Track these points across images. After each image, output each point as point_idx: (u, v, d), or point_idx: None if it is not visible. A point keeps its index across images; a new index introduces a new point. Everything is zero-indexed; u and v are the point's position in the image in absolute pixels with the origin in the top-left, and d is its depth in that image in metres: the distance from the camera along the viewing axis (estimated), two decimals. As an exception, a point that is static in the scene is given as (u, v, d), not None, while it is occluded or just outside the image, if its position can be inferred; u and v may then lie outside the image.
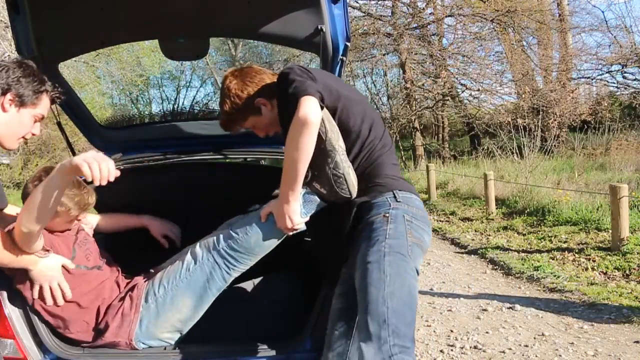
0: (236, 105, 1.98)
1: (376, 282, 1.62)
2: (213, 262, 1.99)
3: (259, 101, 1.96)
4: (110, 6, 2.29)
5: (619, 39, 19.11)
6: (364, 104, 1.97)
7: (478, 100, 18.80)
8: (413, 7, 18.32)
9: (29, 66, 1.94)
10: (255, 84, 1.97)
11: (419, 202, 1.89)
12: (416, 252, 1.76)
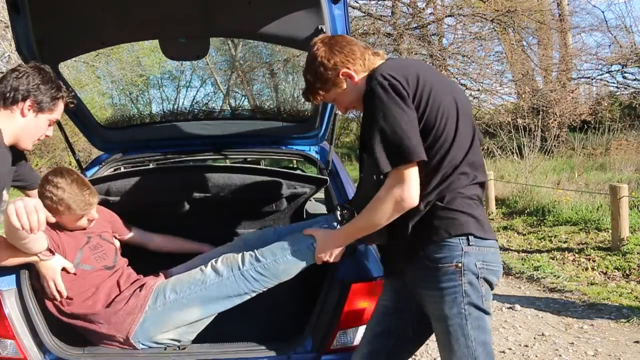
0: (320, 74, 1.77)
1: (463, 348, 1.58)
2: (234, 281, 1.99)
3: (344, 73, 1.76)
4: (111, 6, 2.29)
5: (619, 39, 19.11)
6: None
7: (478, 100, 18.78)
8: (413, 7, 18.31)
9: (47, 72, 2.03)
10: (344, 54, 1.76)
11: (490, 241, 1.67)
12: (488, 296, 1.64)
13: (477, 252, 1.58)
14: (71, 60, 12.88)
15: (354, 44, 1.80)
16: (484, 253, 1.60)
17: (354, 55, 1.77)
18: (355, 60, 1.77)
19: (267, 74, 26.08)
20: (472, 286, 1.57)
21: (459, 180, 1.63)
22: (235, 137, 3.05)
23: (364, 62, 1.77)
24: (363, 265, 2.01)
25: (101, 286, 2.10)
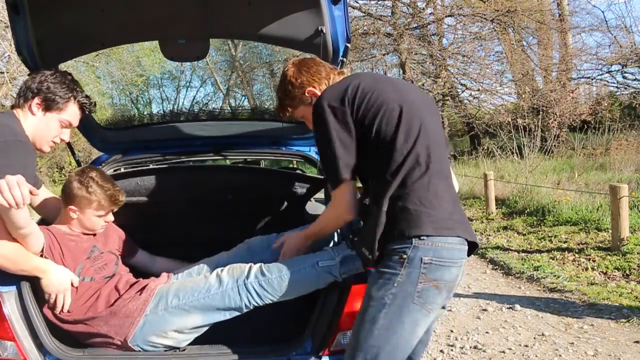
0: (288, 92, 1.98)
1: (366, 331, 1.66)
2: (237, 292, 1.99)
3: (309, 91, 1.95)
4: (111, 7, 2.29)
5: (619, 39, 19.11)
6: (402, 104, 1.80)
7: (478, 100, 18.79)
8: (413, 7, 18.30)
9: (62, 74, 2.08)
10: (310, 74, 1.96)
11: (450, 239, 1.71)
12: (427, 295, 1.65)
13: (429, 247, 1.62)
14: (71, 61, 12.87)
15: (321, 65, 1.99)
16: (437, 249, 1.63)
17: (320, 75, 1.96)
18: (320, 79, 1.95)
19: (267, 74, 26.06)
20: (409, 278, 1.62)
21: (412, 180, 1.68)
22: (235, 137, 3.05)
23: (328, 82, 1.94)
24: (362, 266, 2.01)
25: (100, 293, 2.10)
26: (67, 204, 2.19)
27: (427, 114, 1.80)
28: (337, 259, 1.97)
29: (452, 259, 1.67)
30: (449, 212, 1.70)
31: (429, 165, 1.70)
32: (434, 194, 1.68)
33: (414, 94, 1.86)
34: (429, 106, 1.86)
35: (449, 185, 1.78)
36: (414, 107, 1.77)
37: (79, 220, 2.21)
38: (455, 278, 1.71)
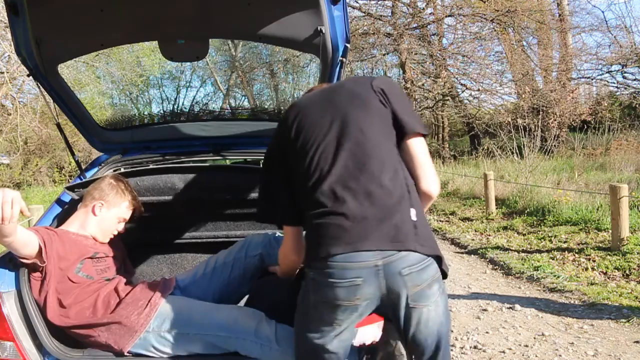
0: None
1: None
2: (243, 342, 1.96)
3: None
4: (110, 8, 2.29)
5: (619, 39, 19.13)
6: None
7: (478, 100, 18.81)
8: (413, 7, 18.32)
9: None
10: None
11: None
12: (310, 316, 1.67)
13: (316, 270, 1.61)
14: (71, 61, 12.89)
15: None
16: (321, 269, 1.59)
17: None
18: None
19: (267, 74, 26.06)
20: (305, 291, 1.69)
21: (311, 204, 1.66)
22: (235, 137, 3.04)
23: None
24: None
25: (99, 294, 2.10)
26: (93, 201, 2.25)
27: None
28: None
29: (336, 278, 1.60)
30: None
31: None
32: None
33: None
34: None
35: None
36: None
37: (99, 219, 2.24)
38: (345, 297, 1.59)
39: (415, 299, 1.59)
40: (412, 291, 1.58)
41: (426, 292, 1.60)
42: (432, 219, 9.31)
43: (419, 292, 1.59)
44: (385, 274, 1.55)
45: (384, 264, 1.54)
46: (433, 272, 1.61)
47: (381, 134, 1.68)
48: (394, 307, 1.61)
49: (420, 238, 1.58)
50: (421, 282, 1.58)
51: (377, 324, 1.85)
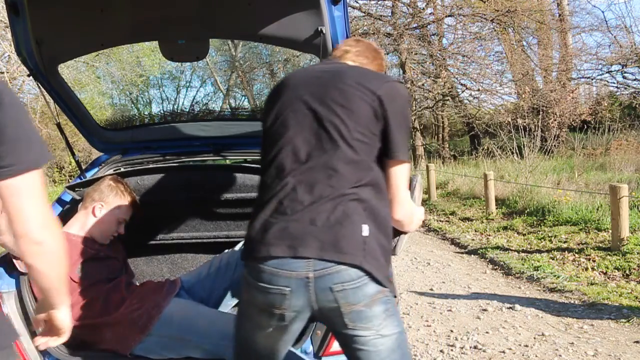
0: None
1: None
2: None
3: None
4: (110, 8, 2.29)
5: (619, 39, 19.12)
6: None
7: (478, 100, 18.80)
8: (413, 7, 18.32)
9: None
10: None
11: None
12: (243, 310, 1.64)
13: (248, 269, 1.55)
14: (71, 61, 12.89)
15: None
16: (253, 269, 1.52)
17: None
18: None
19: (267, 74, 26.05)
20: (242, 284, 1.61)
21: (263, 195, 1.59)
22: (235, 138, 3.05)
23: None
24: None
25: (102, 295, 2.10)
26: (93, 202, 2.24)
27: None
28: None
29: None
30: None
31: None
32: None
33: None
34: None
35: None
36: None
37: (99, 221, 2.23)
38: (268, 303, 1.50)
39: (354, 319, 1.46)
40: (346, 309, 1.46)
41: (365, 312, 1.46)
42: (432, 219, 9.32)
43: (356, 312, 1.46)
44: (315, 287, 1.44)
45: (315, 276, 1.43)
46: (373, 291, 1.46)
47: (360, 148, 1.53)
48: (332, 325, 1.53)
49: (367, 254, 1.45)
50: (357, 301, 1.45)
51: None
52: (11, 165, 1.11)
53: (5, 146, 1.11)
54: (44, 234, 1.16)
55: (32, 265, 1.18)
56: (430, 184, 11.50)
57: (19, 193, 1.12)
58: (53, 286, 1.26)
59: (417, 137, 19.33)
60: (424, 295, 4.85)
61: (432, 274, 5.66)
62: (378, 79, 1.60)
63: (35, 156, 1.15)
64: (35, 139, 1.17)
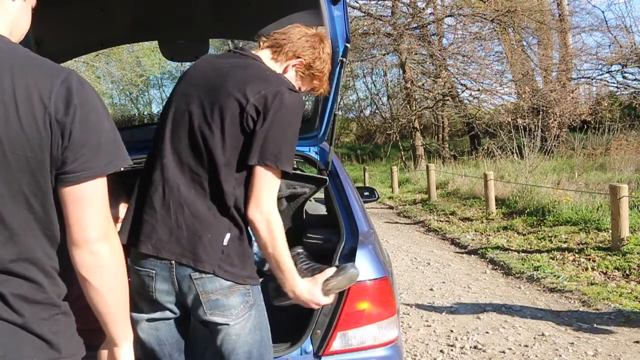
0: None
1: None
2: None
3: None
4: (110, 7, 2.29)
5: (619, 39, 19.13)
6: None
7: (478, 100, 18.81)
8: (413, 7, 18.33)
9: None
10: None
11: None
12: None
13: (130, 251, 1.60)
14: (71, 61, 12.90)
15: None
16: (133, 252, 1.60)
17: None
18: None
19: (267, 74, 26.01)
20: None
21: (141, 188, 1.66)
22: None
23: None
24: (362, 266, 2.01)
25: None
26: None
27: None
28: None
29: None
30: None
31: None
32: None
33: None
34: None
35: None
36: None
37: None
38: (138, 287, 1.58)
39: (212, 307, 1.53)
40: (204, 298, 1.53)
41: (222, 301, 1.53)
42: (432, 219, 9.32)
43: (214, 300, 1.53)
44: (177, 272, 1.53)
45: (176, 263, 1.53)
46: (228, 284, 1.53)
47: (229, 153, 1.54)
48: (195, 313, 1.57)
49: (224, 263, 1.52)
50: (213, 289, 1.52)
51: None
52: (75, 172, 1.05)
53: (72, 151, 1.04)
54: (102, 246, 1.09)
55: (88, 280, 1.10)
56: (430, 184, 11.50)
57: (80, 201, 1.06)
58: (110, 311, 1.15)
59: (417, 137, 19.33)
60: (424, 295, 4.85)
61: (432, 274, 5.66)
62: (259, 85, 1.57)
63: (101, 163, 1.07)
64: (106, 144, 1.09)
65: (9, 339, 1.02)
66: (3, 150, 0.99)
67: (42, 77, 1.03)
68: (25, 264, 1.04)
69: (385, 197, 12.91)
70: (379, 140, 25.41)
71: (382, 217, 10.24)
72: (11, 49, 1.07)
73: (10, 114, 0.99)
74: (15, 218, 1.02)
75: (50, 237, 1.07)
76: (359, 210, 2.28)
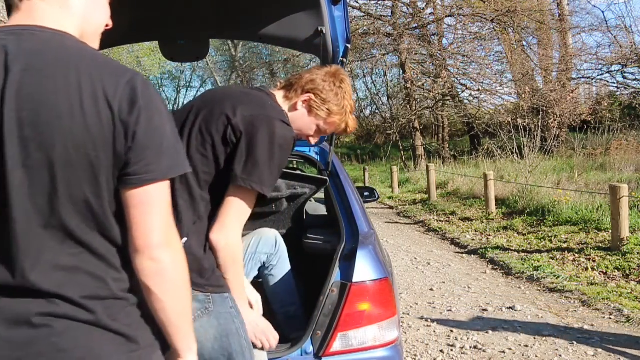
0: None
1: None
2: None
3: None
4: (110, 7, 2.28)
5: (619, 39, 19.15)
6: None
7: (478, 100, 18.82)
8: (413, 7, 18.34)
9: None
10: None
11: None
12: None
13: None
14: (71, 61, 12.83)
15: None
16: None
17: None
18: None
19: (267, 74, 26.08)
20: None
21: None
22: None
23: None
24: (362, 266, 2.01)
25: None
26: None
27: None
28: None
29: None
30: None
31: None
32: None
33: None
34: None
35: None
36: None
37: None
38: None
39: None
40: None
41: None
42: (432, 219, 9.32)
43: None
44: None
45: None
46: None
47: (209, 165, 1.58)
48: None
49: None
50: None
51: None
52: (138, 174, 1.03)
53: (135, 153, 1.02)
54: (164, 252, 1.06)
55: (149, 287, 1.07)
56: (430, 184, 11.50)
57: (142, 204, 1.04)
58: (171, 322, 1.11)
59: (417, 137, 19.34)
60: (424, 295, 4.85)
61: (432, 274, 5.66)
62: (252, 109, 1.60)
63: (164, 167, 1.06)
64: (168, 148, 1.07)
65: (87, 340, 1.01)
66: (67, 146, 0.98)
67: (107, 76, 1.03)
68: (89, 258, 1.03)
69: (385, 197, 12.91)
70: (379, 140, 25.42)
71: (382, 217, 10.24)
72: (78, 48, 1.07)
73: (75, 111, 0.99)
74: (74, 216, 1.01)
75: (107, 237, 1.06)
76: (359, 211, 2.28)
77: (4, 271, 0.99)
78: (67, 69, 1.00)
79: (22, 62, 1.00)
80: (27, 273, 0.99)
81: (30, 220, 0.99)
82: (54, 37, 1.06)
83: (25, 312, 0.99)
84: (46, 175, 0.99)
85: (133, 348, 1.07)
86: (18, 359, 0.97)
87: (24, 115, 0.97)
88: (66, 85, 0.99)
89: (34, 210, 0.99)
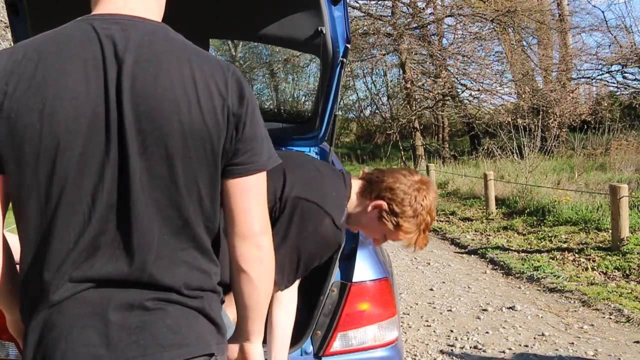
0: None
1: None
2: None
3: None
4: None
5: (619, 39, 19.14)
6: None
7: (478, 100, 18.81)
8: (413, 7, 18.32)
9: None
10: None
11: None
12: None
13: None
14: (71, 61, 12.81)
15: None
16: None
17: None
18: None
19: (267, 74, 26.05)
20: None
21: None
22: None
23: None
24: (362, 266, 2.01)
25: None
26: None
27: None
28: None
29: None
30: None
31: None
32: None
33: None
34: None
35: None
36: None
37: None
38: None
39: None
40: None
41: None
42: (432, 219, 9.32)
43: None
44: None
45: None
46: None
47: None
48: None
49: None
50: None
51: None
52: (244, 164, 1.07)
53: (242, 144, 1.06)
54: (265, 239, 1.11)
55: (247, 272, 1.10)
56: (430, 184, 11.48)
57: (247, 192, 1.08)
58: (257, 305, 1.15)
59: (417, 137, 19.33)
60: (424, 295, 4.85)
61: (432, 274, 5.66)
62: (308, 191, 1.59)
63: (265, 157, 1.10)
64: (268, 138, 1.12)
65: (196, 325, 1.04)
66: (186, 140, 1.00)
67: (215, 69, 1.06)
68: (196, 252, 1.05)
69: (385, 197, 12.89)
70: (379, 140, 25.39)
71: (382, 217, 10.23)
72: (182, 40, 1.10)
73: (192, 105, 1.00)
74: (189, 208, 1.03)
75: (210, 229, 1.07)
76: (359, 211, 2.27)
77: (120, 263, 0.99)
78: (179, 63, 1.03)
79: (133, 53, 1.01)
80: (149, 267, 1.00)
81: (149, 212, 1.00)
82: (156, 28, 1.10)
83: (138, 298, 1.00)
84: (164, 168, 1.00)
85: (221, 340, 1.10)
86: (134, 342, 0.97)
87: (141, 109, 0.98)
88: (181, 79, 1.01)
89: (153, 203, 1.00)
